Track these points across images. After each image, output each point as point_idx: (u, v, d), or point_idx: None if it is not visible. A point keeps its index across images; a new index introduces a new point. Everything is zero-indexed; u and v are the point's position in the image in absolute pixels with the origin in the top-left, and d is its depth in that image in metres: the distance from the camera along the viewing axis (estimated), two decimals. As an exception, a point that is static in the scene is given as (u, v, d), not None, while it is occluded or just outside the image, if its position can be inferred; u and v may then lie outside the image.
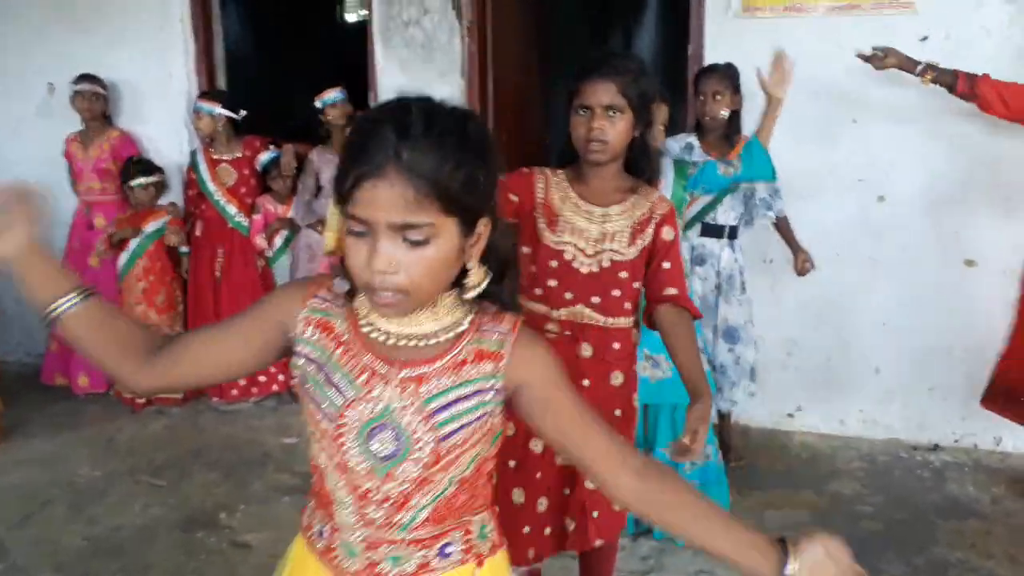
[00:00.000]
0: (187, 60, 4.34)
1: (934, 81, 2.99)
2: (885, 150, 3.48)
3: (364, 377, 1.11)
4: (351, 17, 8.60)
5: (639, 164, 1.88)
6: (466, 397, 1.10)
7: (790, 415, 3.83)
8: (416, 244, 1.00)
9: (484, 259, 1.10)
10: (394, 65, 4.01)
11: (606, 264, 1.86)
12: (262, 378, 4.35)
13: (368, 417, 1.10)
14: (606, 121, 1.79)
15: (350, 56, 4.23)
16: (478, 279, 1.10)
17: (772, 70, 3.02)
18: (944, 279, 3.50)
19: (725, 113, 3.14)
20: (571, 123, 1.85)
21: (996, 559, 2.70)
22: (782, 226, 3.34)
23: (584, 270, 1.87)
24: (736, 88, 3.21)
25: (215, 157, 4.24)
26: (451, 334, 1.12)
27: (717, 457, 2.95)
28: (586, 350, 1.89)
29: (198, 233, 4.31)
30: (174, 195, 4.36)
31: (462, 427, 1.10)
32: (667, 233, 1.88)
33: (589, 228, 1.86)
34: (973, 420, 3.55)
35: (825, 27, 3.45)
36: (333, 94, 4.12)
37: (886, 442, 3.66)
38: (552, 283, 1.88)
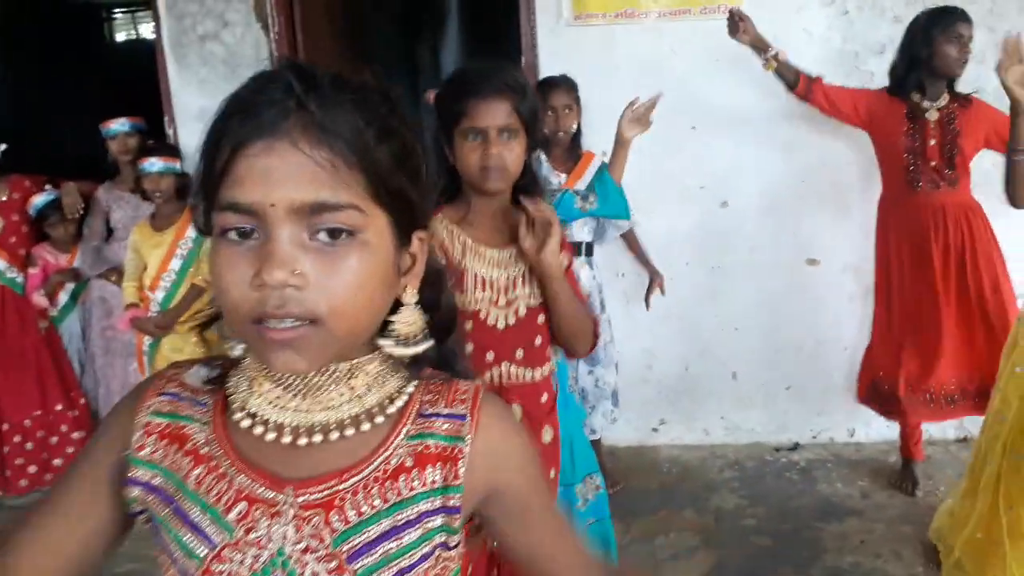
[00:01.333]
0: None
1: (777, 72, 2.99)
2: (724, 156, 3.46)
3: (239, 510, 0.75)
4: (122, 35, 7.70)
5: (529, 191, 1.62)
6: (402, 527, 0.76)
7: (655, 429, 3.73)
8: (332, 241, 0.69)
9: (420, 298, 0.79)
10: (192, 86, 3.50)
11: (522, 313, 1.62)
12: (57, 461, 3.67)
13: (250, 571, 0.74)
14: (503, 145, 1.52)
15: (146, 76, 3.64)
16: (413, 323, 0.77)
17: (626, 111, 2.88)
18: (790, 279, 3.54)
19: (575, 127, 3.01)
20: (457, 150, 1.56)
21: (883, 557, 2.69)
22: (633, 244, 3.25)
23: (500, 325, 1.60)
24: (578, 99, 3.10)
25: (-28, 204, 3.52)
26: (380, 420, 0.77)
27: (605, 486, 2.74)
28: (516, 413, 1.61)
29: (-45, 295, 3.55)
30: (-80, 252, 3.56)
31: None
32: (564, 258, 1.66)
33: (496, 277, 1.60)
34: (828, 415, 3.61)
35: (658, 32, 3.37)
36: (115, 125, 3.55)
37: (750, 446, 3.64)
38: (468, 348, 1.58)
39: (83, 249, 3.66)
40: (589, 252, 3.12)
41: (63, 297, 3.71)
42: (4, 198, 3.56)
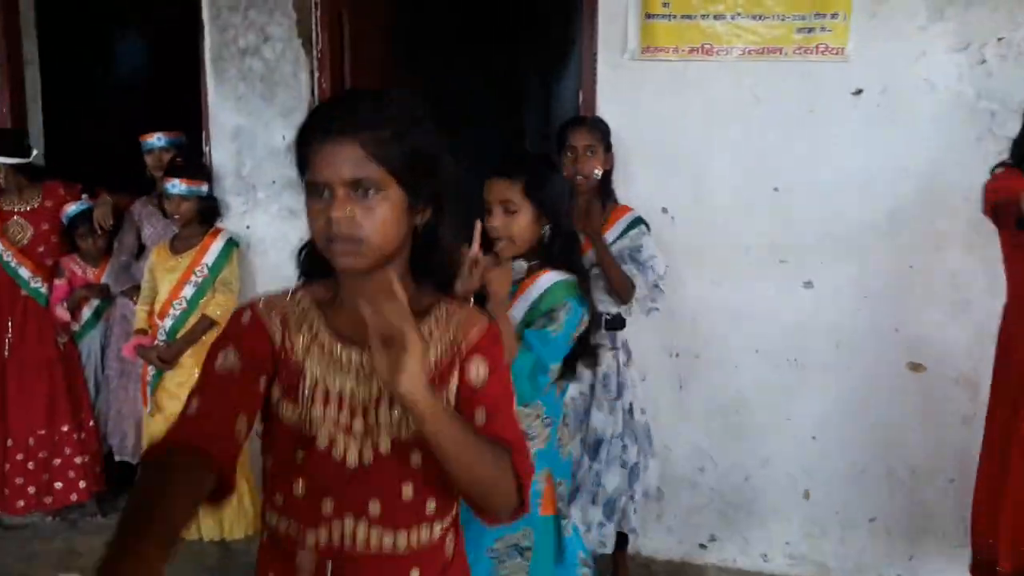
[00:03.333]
0: (-17, 92, 3.55)
1: None
2: (811, 226, 2.85)
3: None
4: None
5: (429, 267, 1.18)
6: None
7: (702, 545, 3.08)
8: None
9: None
10: (229, 102, 3.28)
11: (385, 448, 1.12)
12: (59, 483, 3.47)
13: None
14: (355, 204, 1.07)
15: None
16: None
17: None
18: (885, 385, 2.84)
19: (599, 173, 2.55)
20: (307, 209, 1.12)
21: None
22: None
23: (352, 461, 1.12)
24: (608, 145, 2.67)
25: (5, 209, 3.42)
26: None
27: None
28: None
29: (-22, 301, 3.45)
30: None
31: None
32: (477, 371, 1.14)
33: (350, 390, 1.12)
34: (921, 559, 2.86)
35: (739, 73, 2.84)
36: (152, 139, 3.40)
37: (818, 584, 2.94)
38: (299, 488, 1.13)
39: (111, 264, 3.51)
40: (614, 326, 2.60)
41: (86, 312, 3.55)
42: (36, 205, 3.45)
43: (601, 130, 2.65)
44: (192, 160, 3.32)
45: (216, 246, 3.22)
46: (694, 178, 2.87)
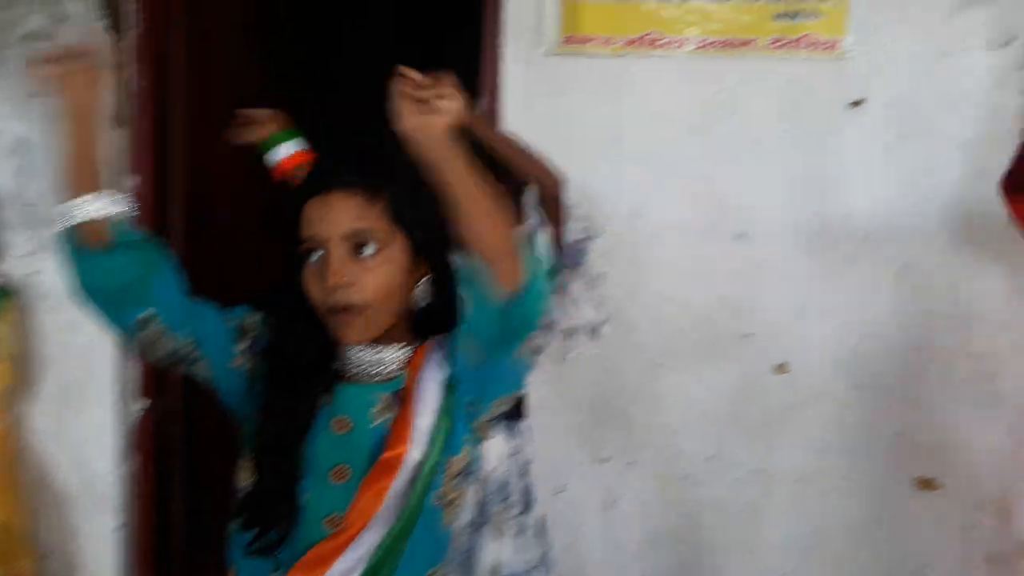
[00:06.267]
0: None
1: None
2: (788, 288, 2.09)
3: None
4: None
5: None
6: None
7: None
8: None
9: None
10: (7, 105, 2.42)
11: None
12: None
13: None
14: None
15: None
16: None
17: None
18: (888, 507, 2.09)
19: None
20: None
21: None
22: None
23: None
24: None
25: None
26: None
27: None
28: None
29: None
30: None
31: None
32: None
33: None
34: None
35: (696, 73, 2.06)
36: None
37: None
38: None
39: None
40: (511, 414, 1.82)
41: None
42: None
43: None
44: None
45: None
46: (630, 219, 2.09)
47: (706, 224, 2.08)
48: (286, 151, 1.80)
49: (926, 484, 2.07)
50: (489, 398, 1.03)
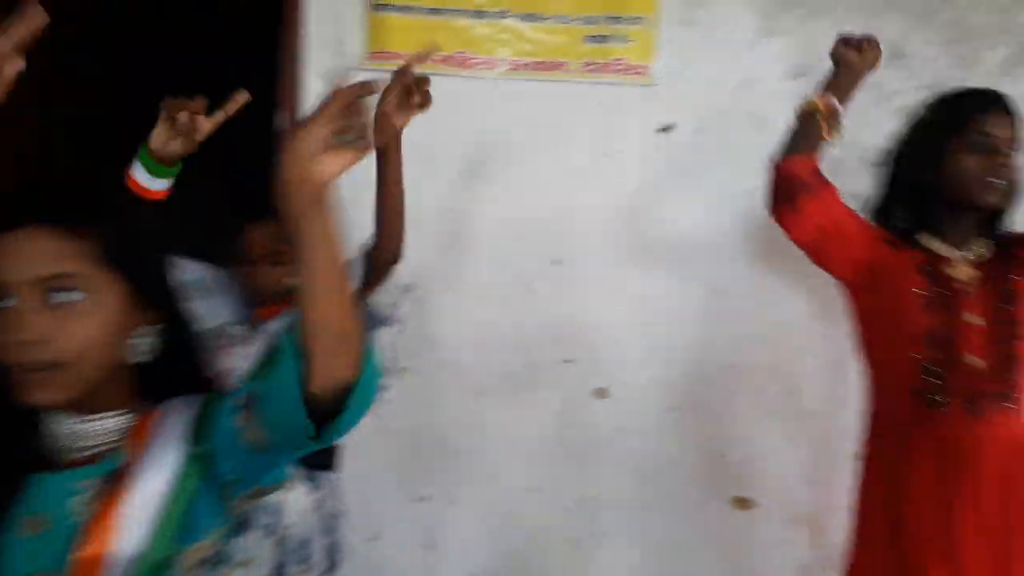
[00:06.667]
0: None
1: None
2: (607, 313, 2.06)
3: None
4: None
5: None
6: None
7: None
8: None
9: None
10: None
11: None
12: None
13: None
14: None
15: None
16: None
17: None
18: (704, 527, 2.11)
19: None
20: None
21: None
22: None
23: None
24: None
25: None
26: None
27: None
28: None
29: None
30: None
31: None
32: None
33: None
34: None
35: (508, 95, 1.99)
36: None
37: None
38: None
39: None
40: (318, 462, 1.68)
41: None
42: None
43: None
44: None
45: None
46: (443, 247, 2.00)
47: (523, 249, 2.02)
48: (148, 179, 1.48)
49: (741, 503, 2.10)
50: (263, 481, 0.88)
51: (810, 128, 1.57)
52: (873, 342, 1.62)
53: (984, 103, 1.56)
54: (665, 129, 2.00)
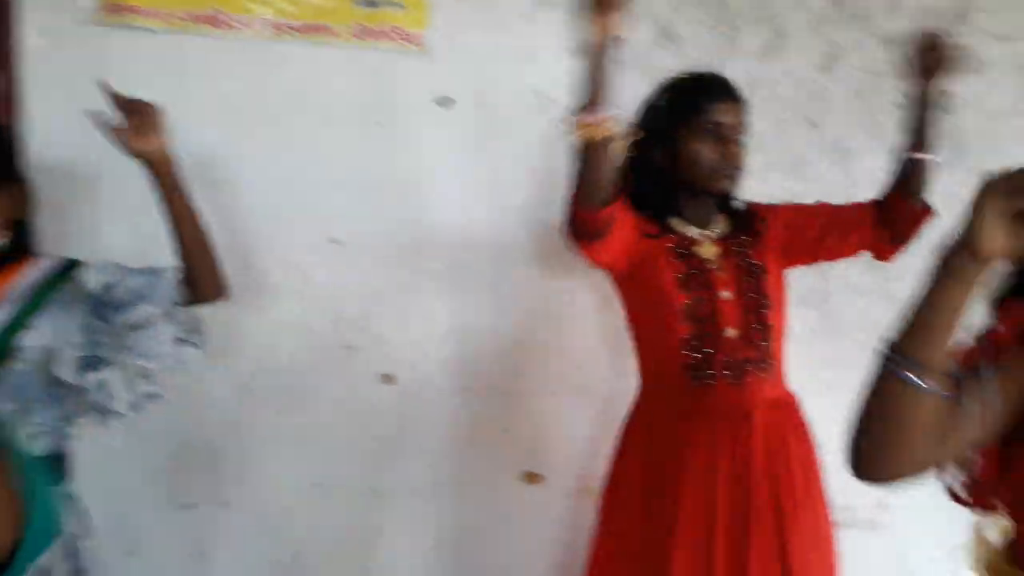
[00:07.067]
0: None
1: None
2: (387, 290, 1.97)
3: None
4: None
5: None
6: None
7: None
8: None
9: None
10: None
11: None
12: None
13: None
14: None
15: None
16: None
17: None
18: (502, 504, 2.09)
19: None
20: None
21: None
22: None
23: None
24: None
25: None
26: None
27: None
28: None
29: None
30: None
31: None
32: None
33: None
34: None
35: (270, 60, 1.82)
36: None
37: None
38: None
39: None
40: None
41: None
42: None
43: None
44: None
45: None
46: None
47: (293, 229, 1.87)
48: None
49: (531, 478, 2.10)
50: None
51: (594, 161, 1.41)
52: (641, 324, 1.67)
53: (712, 90, 1.60)
54: (442, 102, 1.92)
